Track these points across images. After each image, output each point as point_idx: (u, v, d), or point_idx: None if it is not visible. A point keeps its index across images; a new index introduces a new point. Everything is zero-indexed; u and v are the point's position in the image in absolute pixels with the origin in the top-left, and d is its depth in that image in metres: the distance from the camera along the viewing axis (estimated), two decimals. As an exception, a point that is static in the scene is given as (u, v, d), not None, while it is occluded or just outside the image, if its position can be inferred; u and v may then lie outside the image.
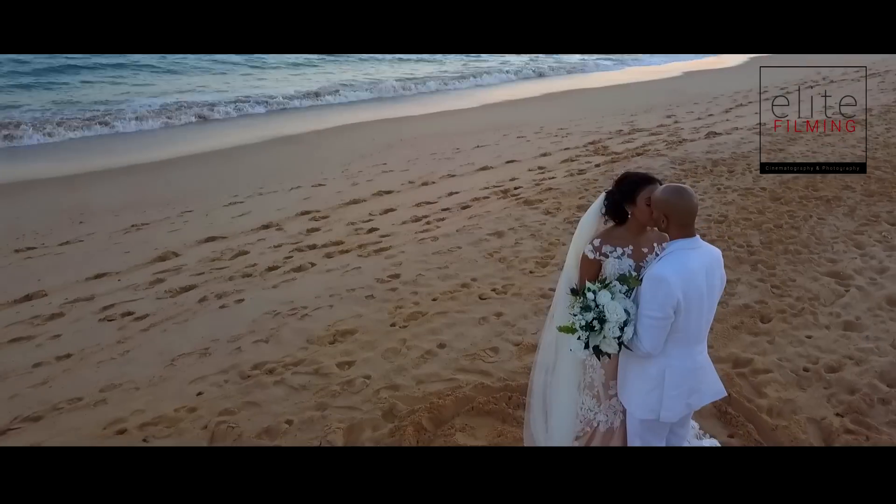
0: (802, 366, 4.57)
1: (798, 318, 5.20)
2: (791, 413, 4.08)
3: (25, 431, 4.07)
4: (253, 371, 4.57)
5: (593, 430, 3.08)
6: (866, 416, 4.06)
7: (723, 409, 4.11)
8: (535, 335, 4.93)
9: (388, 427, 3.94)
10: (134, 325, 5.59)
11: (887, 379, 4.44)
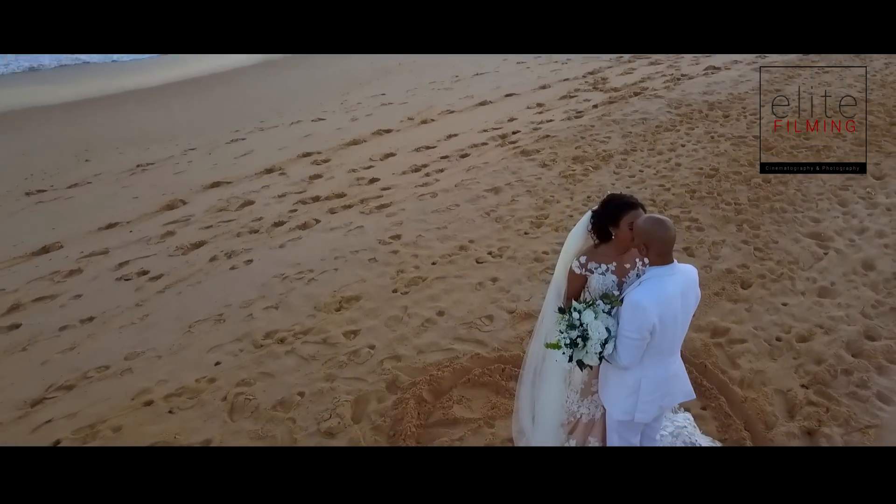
0: (776, 335, 4.82)
1: (776, 284, 5.41)
2: (761, 384, 4.36)
3: (60, 401, 4.36)
4: (265, 340, 4.82)
5: (577, 421, 3.35)
6: (829, 388, 4.34)
7: (698, 381, 4.37)
8: (528, 302, 5.18)
9: (391, 399, 4.23)
10: (150, 285, 5.81)
11: (853, 348, 4.70)
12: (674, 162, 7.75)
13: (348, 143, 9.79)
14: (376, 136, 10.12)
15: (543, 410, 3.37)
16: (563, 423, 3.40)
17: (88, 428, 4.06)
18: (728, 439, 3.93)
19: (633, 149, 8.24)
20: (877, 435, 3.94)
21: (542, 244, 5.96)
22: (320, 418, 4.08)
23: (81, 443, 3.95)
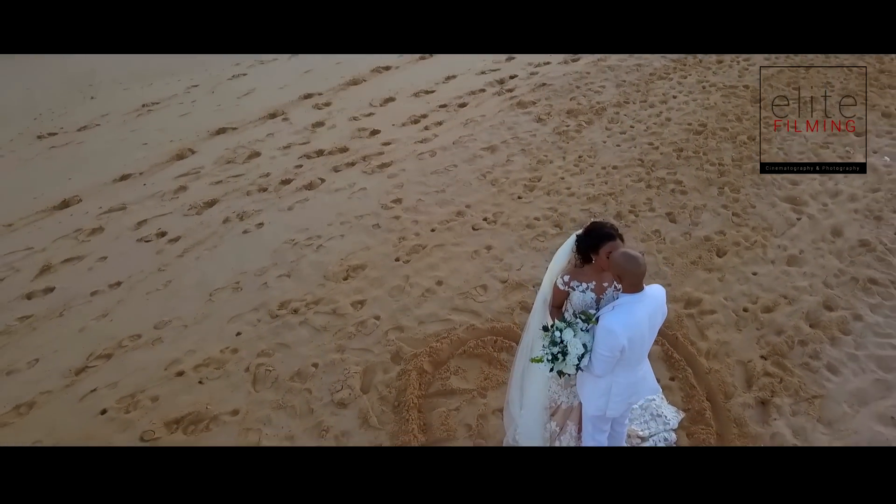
0: (743, 306, 5.16)
1: (749, 252, 5.71)
2: (725, 356, 4.75)
3: (100, 370, 4.77)
4: (280, 311, 5.18)
5: (558, 406, 3.76)
6: (785, 359, 4.73)
7: (668, 353, 4.77)
8: (519, 271, 5.49)
9: (396, 370, 4.64)
10: (169, 248, 6.09)
11: (812, 319, 5.06)
12: (664, 116, 7.81)
13: (348, 83, 9.75)
14: (375, 74, 10.05)
15: (530, 398, 3.76)
16: (546, 407, 3.81)
17: (130, 398, 4.49)
18: (690, 409, 4.36)
19: (626, 101, 8.26)
20: (821, 405, 4.37)
21: (533, 209, 6.20)
22: (333, 389, 4.50)
23: (125, 412, 4.39)
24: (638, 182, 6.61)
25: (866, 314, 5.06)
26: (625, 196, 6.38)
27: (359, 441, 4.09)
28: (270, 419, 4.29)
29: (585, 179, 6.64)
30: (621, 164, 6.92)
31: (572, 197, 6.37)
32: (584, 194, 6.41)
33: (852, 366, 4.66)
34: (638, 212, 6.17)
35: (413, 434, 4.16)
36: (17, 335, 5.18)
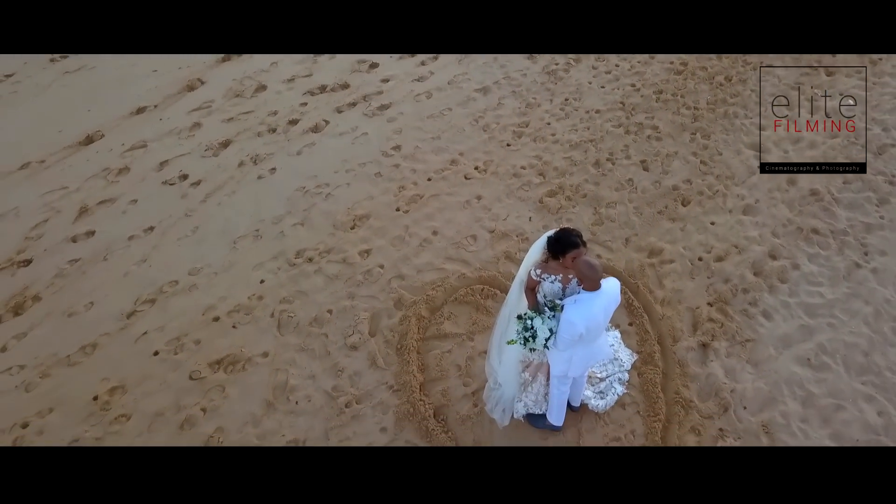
0: (699, 255, 5.62)
1: (711, 202, 6.08)
2: (677, 302, 5.30)
3: (147, 314, 5.33)
4: (297, 259, 5.64)
5: (530, 362, 4.36)
6: (728, 305, 5.28)
7: (630, 301, 5.31)
8: (505, 221, 5.90)
9: (398, 316, 5.20)
10: (192, 192, 6.42)
11: (756, 267, 5.54)
12: (648, 54, 7.80)
13: None
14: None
15: (508, 356, 4.34)
16: (521, 361, 4.41)
17: (176, 340, 5.09)
18: (643, 352, 4.96)
19: (614, 34, 8.16)
20: (752, 348, 4.98)
21: (520, 158, 6.48)
22: (346, 333, 5.09)
23: (174, 353, 5.00)
24: (618, 127, 6.82)
25: (804, 263, 5.54)
26: (604, 143, 6.63)
27: (369, 383, 4.74)
28: (295, 361, 4.92)
29: (570, 125, 6.84)
30: (604, 107, 7.08)
31: (556, 144, 6.61)
32: (567, 141, 6.65)
33: (784, 312, 5.21)
34: (615, 159, 6.45)
35: (413, 374, 4.81)
36: (70, 278, 5.67)
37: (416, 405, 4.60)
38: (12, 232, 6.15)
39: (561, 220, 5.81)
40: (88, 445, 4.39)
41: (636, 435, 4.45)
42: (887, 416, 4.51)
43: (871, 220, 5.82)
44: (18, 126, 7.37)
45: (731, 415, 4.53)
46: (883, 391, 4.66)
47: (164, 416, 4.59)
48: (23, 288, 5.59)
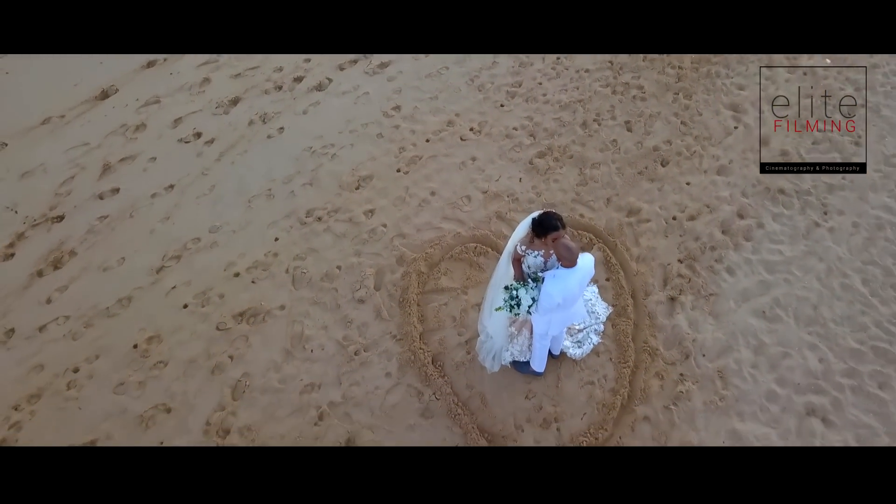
0: (673, 214, 5.84)
1: (688, 162, 6.23)
2: (651, 259, 5.58)
3: (174, 270, 5.61)
4: (307, 218, 5.86)
5: (516, 319, 4.71)
6: (696, 262, 5.56)
7: (608, 257, 5.58)
8: (497, 182, 6.08)
9: (400, 271, 5.49)
10: (207, 151, 6.52)
11: (725, 226, 5.77)
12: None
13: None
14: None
15: (497, 314, 4.69)
16: (508, 317, 4.76)
17: (202, 294, 5.41)
18: (617, 305, 5.29)
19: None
20: (714, 301, 5.32)
21: (513, 119, 6.56)
22: (353, 288, 5.41)
23: (201, 306, 5.34)
24: (605, 87, 6.85)
25: (768, 222, 5.78)
26: (592, 103, 6.69)
27: (375, 333, 5.11)
28: (309, 313, 5.27)
29: (560, 85, 6.86)
30: (593, 66, 7.06)
31: (547, 105, 6.67)
32: (558, 102, 6.70)
33: (745, 268, 5.51)
34: (601, 120, 6.54)
35: (413, 325, 5.17)
36: (101, 234, 5.91)
37: (417, 353, 4.98)
38: (43, 188, 6.32)
39: (549, 181, 6.00)
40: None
41: (608, 379, 4.86)
42: (826, 362, 4.91)
43: (833, 181, 6.01)
44: (35, 79, 7.35)
45: (691, 361, 4.92)
46: (826, 340, 5.03)
47: (197, 362, 4.99)
48: (59, 243, 5.83)
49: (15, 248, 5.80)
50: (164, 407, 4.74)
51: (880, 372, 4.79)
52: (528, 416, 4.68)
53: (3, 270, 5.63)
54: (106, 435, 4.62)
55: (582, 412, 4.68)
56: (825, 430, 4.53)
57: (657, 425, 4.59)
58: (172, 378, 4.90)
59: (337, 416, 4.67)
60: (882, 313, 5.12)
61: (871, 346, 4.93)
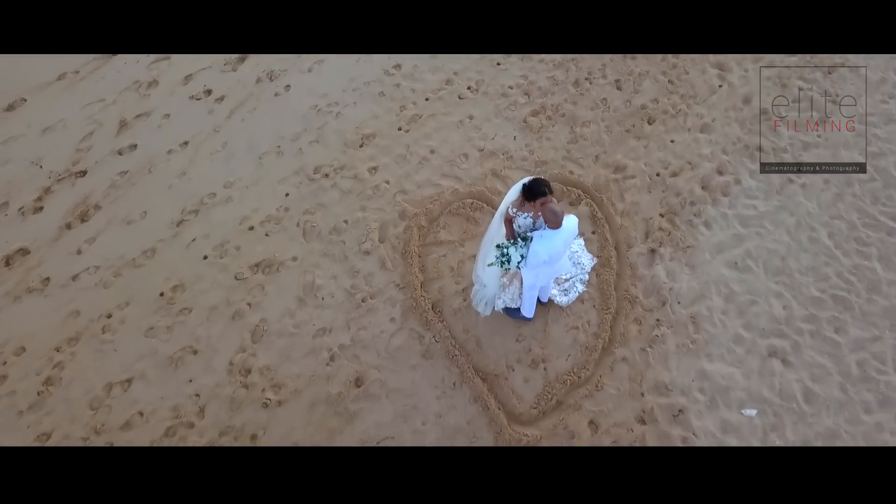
0: (657, 171, 5.88)
1: (673, 120, 6.19)
2: (634, 214, 5.65)
3: (193, 223, 5.69)
4: (315, 175, 5.89)
5: (507, 271, 4.84)
6: (676, 216, 5.64)
7: (594, 212, 5.66)
8: (493, 140, 6.07)
9: (402, 225, 5.58)
10: (217, 108, 6.44)
11: (705, 182, 5.80)
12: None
13: None
14: None
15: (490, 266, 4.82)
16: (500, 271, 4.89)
17: (220, 246, 5.51)
18: (601, 256, 5.41)
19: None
20: (691, 253, 5.45)
21: (508, 77, 6.45)
22: (360, 240, 5.52)
23: (219, 258, 5.45)
24: (598, 46, 6.70)
25: (745, 179, 5.83)
26: (584, 62, 6.57)
27: (380, 282, 5.26)
28: (319, 264, 5.40)
29: (554, 43, 6.71)
30: (587, 24, 6.88)
31: (541, 63, 6.55)
32: (552, 60, 6.58)
33: (721, 222, 5.60)
34: (592, 79, 6.45)
35: (415, 275, 5.31)
36: (122, 189, 5.95)
37: (418, 300, 5.15)
38: (63, 143, 6.29)
39: (541, 139, 5.99)
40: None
41: (591, 324, 5.06)
42: (790, 309, 5.09)
43: (809, 139, 6.01)
44: (48, 35, 7.16)
45: (667, 308, 5.10)
46: (790, 289, 5.20)
47: (218, 309, 5.16)
48: (84, 197, 5.88)
49: (43, 201, 5.85)
50: (191, 349, 4.95)
51: (837, 318, 4.98)
52: (519, 357, 4.89)
53: (34, 223, 5.70)
54: (140, 374, 4.85)
55: (567, 354, 4.89)
56: (784, 370, 4.76)
57: (634, 366, 4.82)
58: (197, 323, 5.08)
59: (346, 358, 4.89)
60: (843, 264, 5.26)
61: (831, 294, 5.10)
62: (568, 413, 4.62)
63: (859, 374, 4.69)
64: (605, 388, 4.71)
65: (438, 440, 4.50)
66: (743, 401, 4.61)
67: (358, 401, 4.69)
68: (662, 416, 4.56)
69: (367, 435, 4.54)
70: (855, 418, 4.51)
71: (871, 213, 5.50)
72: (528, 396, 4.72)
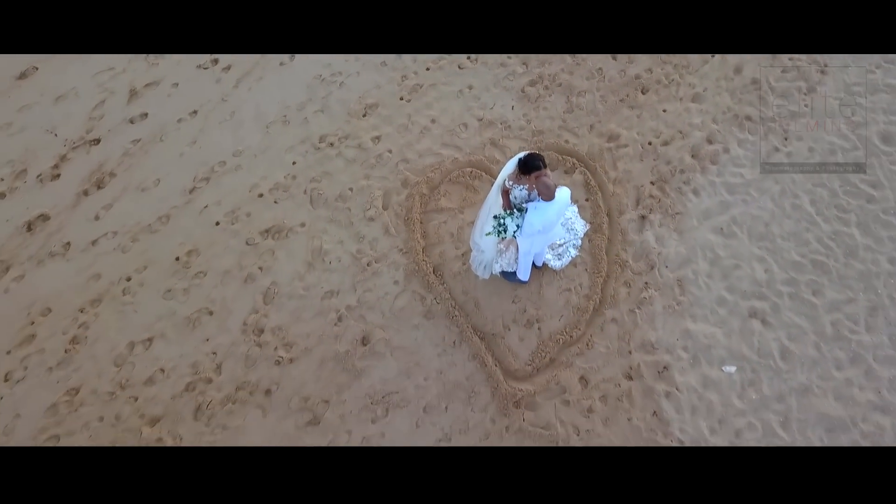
0: (649, 140, 5.67)
1: (666, 90, 5.94)
2: (626, 182, 5.49)
3: (205, 190, 5.53)
4: (320, 144, 5.69)
5: (503, 239, 4.72)
6: (666, 184, 5.48)
7: (587, 180, 5.50)
8: (492, 110, 5.84)
9: (404, 193, 5.43)
10: (225, 77, 6.16)
11: (695, 151, 5.60)
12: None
13: None
14: None
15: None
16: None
17: (231, 213, 5.37)
18: (594, 222, 5.27)
19: None
20: (679, 220, 5.32)
21: (507, 47, 6.15)
22: (364, 207, 5.38)
23: (231, 224, 5.32)
24: (595, 15, 6.35)
25: (733, 148, 5.63)
26: (581, 31, 6.24)
27: (384, 247, 5.15)
28: (326, 230, 5.27)
29: (552, 12, 6.36)
30: (584, -7, 6.50)
31: (539, 33, 6.23)
32: (549, 30, 6.25)
33: (709, 190, 5.44)
34: (589, 49, 6.14)
35: (417, 240, 5.20)
36: (136, 157, 5.76)
37: (420, 264, 5.06)
38: (76, 112, 6.07)
39: (538, 109, 5.76)
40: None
41: (583, 287, 4.98)
42: (771, 273, 5.01)
43: (796, 109, 5.78)
44: None
45: (655, 272, 5.02)
46: (772, 254, 5.10)
47: (231, 273, 5.07)
48: (99, 165, 5.70)
49: (60, 169, 5.67)
50: (206, 310, 4.89)
51: (815, 281, 4.91)
52: (514, 318, 4.84)
53: (52, 190, 5.54)
54: (160, 333, 4.80)
55: (560, 314, 4.84)
56: (763, 330, 4.72)
57: (622, 325, 4.77)
58: (211, 286, 5.00)
59: (353, 318, 4.83)
60: (823, 230, 5.15)
61: (811, 258, 5.01)
62: (560, 370, 4.60)
63: (833, 334, 4.65)
64: (595, 347, 4.68)
65: (439, 395, 4.50)
66: (724, 358, 4.58)
67: (364, 358, 4.66)
68: (648, 372, 4.55)
69: (372, 390, 4.53)
70: (827, 374, 4.50)
71: (853, 181, 5.34)
72: (523, 354, 4.69)
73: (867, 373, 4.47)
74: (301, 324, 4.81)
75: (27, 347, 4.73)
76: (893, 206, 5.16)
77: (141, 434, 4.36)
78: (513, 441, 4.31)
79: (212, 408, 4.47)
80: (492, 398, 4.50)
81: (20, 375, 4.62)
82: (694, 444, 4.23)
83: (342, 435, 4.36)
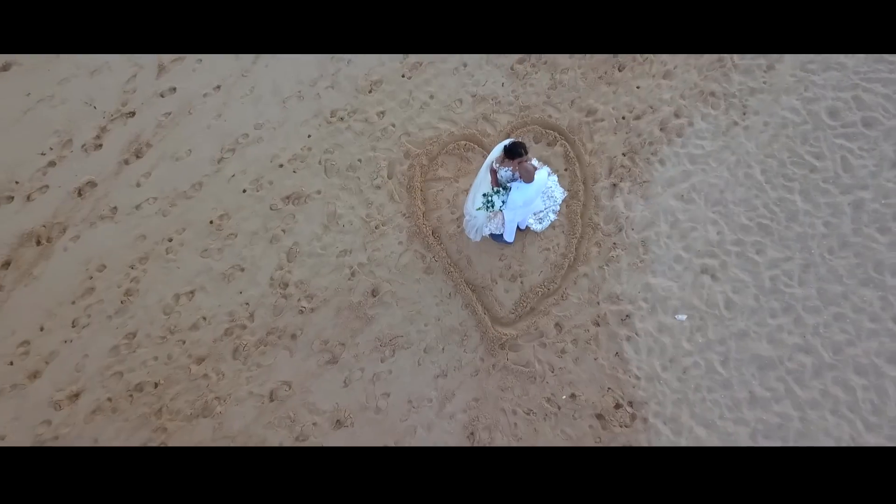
0: (623, 114, 5.46)
1: (640, 67, 5.63)
2: (601, 153, 5.34)
3: (231, 161, 5.35)
4: (332, 118, 5.46)
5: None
6: (636, 155, 5.32)
7: (567, 152, 5.35)
8: (484, 86, 5.58)
9: (406, 164, 5.30)
10: (243, 54, 5.86)
11: (663, 124, 5.37)
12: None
13: None
14: None
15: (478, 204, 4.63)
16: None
17: (256, 181, 5.24)
18: (571, 190, 5.17)
19: None
20: (646, 187, 5.23)
21: (499, 26, 5.77)
22: (372, 177, 5.26)
23: (256, 191, 5.22)
24: (580, -5, 5.92)
25: (697, 122, 5.43)
26: (567, 11, 5.84)
27: (389, 212, 5.08)
28: (339, 196, 5.18)
29: (541, -8, 5.92)
30: (571, -27, 6.02)
31: (528, 12, 5.83)
32: (538, 9, 5.85)
33: (674, 160, 5.30)
34: (573, 28, 5.77)
35: (418, 206, 5.13)
36: (168, 129, 5.54)
37: (421, 227, 5.02)
38: (111, 85, 5.77)
39: (525, 86, 5.50)
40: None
41: (560, 247, 4.97)
42: (722, 234, 4.98)
43: (755, 85, 5.53)
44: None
45: (622, 234, 5.00)
46: (725, 218, 5.05)
47: (258, 234, 5.03)
48: (136, 136, 5.51)
49: (101, 139, 5.47)
50: (238, 267, 4.90)
51: (760, 242, 4.90)
52: (501, 273, 4.87)
53: (96, 158, 5.39)
54: (200, 286, 4.83)
55: (539, 270, 4.87)
56: (712, 283, 4.77)
57: (593, 280, 4.81)
58: (242, 246, 4.98)
59: (364, 273, 4.86)
60: (770, 197, 5.08)
61: (758, 222, 4.97)
62: (539, 317, 4.68)
63: (770, 287, 4.70)
64: (569, 298, 4.74)
65: (437, 338, 4.60)
66: (677, 308, 4.66)
67: (374, 307, 4.72)
68: (613, 319, 4.63)
69: (381, 334, 4.63)
70: (762, 321, 4.59)
71: (800, 152, 5.20)
72: (508, 304, 4.76)
73: (796, 320, 4.56)
74: (320, 278, 4.84)
75: (88, 298, 4.77)
76: (832, 176, 5.06)
77: (190, 371, 4.49)
78: (498, 376, 4.46)
79: (247, 349, 4.58)
80: (481, 341, 4.61)
81: (85, 322, 4.69)
82: (648, 379, 4.38)
83: (356, 371, 4.50)
